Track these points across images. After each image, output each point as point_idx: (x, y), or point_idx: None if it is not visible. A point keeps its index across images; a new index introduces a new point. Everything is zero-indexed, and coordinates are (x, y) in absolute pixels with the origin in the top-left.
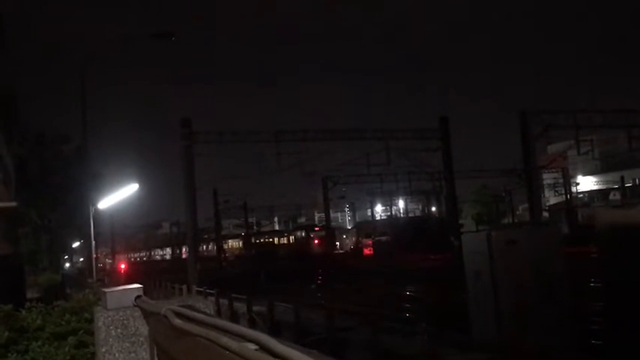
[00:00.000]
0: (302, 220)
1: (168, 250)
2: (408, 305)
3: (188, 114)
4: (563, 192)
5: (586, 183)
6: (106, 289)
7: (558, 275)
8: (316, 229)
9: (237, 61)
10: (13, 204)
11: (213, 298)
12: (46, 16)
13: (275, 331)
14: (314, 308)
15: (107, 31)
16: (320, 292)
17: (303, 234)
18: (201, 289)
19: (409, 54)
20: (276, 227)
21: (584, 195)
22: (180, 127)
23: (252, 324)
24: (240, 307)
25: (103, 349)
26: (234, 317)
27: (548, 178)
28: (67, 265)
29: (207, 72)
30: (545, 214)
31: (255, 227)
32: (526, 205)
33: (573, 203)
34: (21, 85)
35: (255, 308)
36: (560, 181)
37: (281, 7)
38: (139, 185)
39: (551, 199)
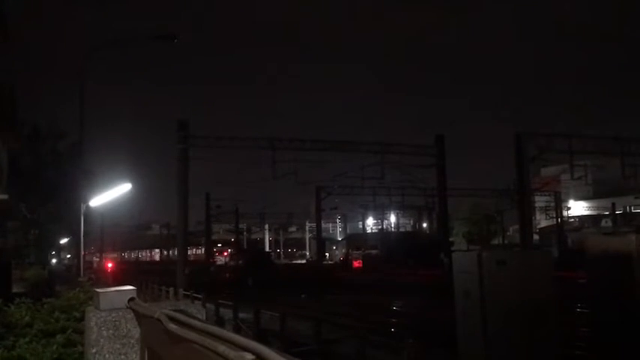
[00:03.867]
0: (293, 229)
1: (157, 252)
2: (395, 320)
3: (185, 116)
4: (554, 215)
5: (577, 207)
6: (99, 290)
7: (547, 299)
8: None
9: (237, 66)
10: (5, 197)
11: (199, 303)
12: (47, 11)
13: (261, 339)
14: (301, 318)
15: (108, 29)
16: (308, 302)
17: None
18: (188, 293)
19: (412, 68)
20: (267, 234)
21: (575, 220)
22: (176, 130)
23: (238, 331)
24: (226, 313)
25: (93, 350)
26: (219, 323)
27: (540, 200)
28: (54, 261)
29: (207, 75)
30: (536, 236)
31: (245, 233)
32: (517, 226)
33: (564, 227)
34: (18, 78)
35: (241, 315)
36: (552, 204)
37: (284, 14)
38: (132, 185)
39: (542, 221)
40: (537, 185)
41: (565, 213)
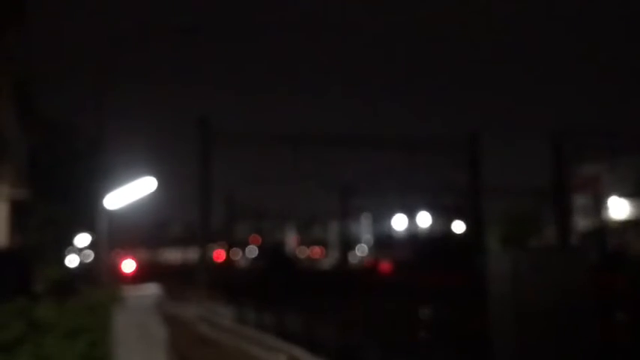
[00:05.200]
0: (316, 229)
1: (180, 251)
2: (424, 325)
3: (207, 113)
4: (593, 216)
5: (618, 207)
6: (127, 290)
7: (583, 303)
8: None
9: (262, 62)
10: (24, 194)
11: (224, 303)
12: (67, 5)
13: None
14: (325, 322)
15: (130, 20)
16: (333, 306)
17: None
18: (213, 294)
19: (443, 65)
20: (290, 234)
21: (616, 221)
22: (197, 127)
23: (262, 333)
24: (250, 314)
25: (120, 350)
26: (243, 325)
27: (579, 200)
28: (74, 260)
29: (230, 71)
30: (575, 238)
31: (267, 233)
32: (554, 228)
33: (604, 229)
34: (37, 72)
35: (265, 317)
36: (591, 204)
37: (307, 6)
38: (155, 181)
39: (581, 222)
40: (576, 185)
41: (606, 213)
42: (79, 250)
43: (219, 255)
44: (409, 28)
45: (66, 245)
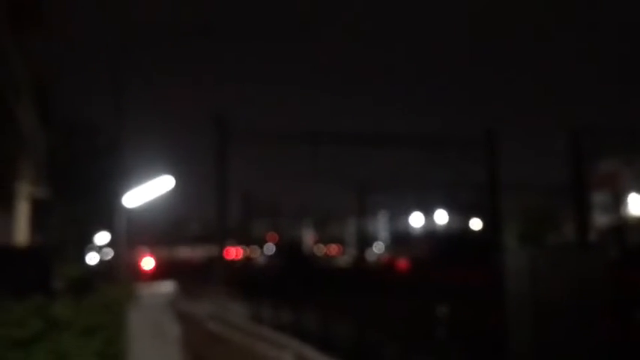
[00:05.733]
0: (333, 225)
1: (197, 249)
2: (441, 323)
3: (224, 110)
4: (612, 213)
5: (637, 203)
6: (141, 288)
7: (601, 299)
8: None
9: (279, 59)
10: (44, 193)
11: (240, 301)
12: (85, 4)
13: (301, 340)
14: (342, 320)
15: (147, 20)
16: (350, 303)
17: None
18: (229, 292)
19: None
20: (307, 232)
21: (635, 217)
22: (214, 125)
23: (278, 331)
24: (267, 312)
25: (135, 346)
26: (259, 323)
27: (598, 197)
28: (94, 258)
29: (247, 67)
30: (593, 235)
31: (284, 230)
32: (572, 225)
33: (624, 225)
34: (56, 72)
35: (281, 315)
36: (610, 201)
37: (329, 8)
38: (173, 179)
39: (600, 219)
40: (595, 181)
41: (625, 210)
42: (98, 248)
43: (229, 253)
44: (424, 26)
45: (86, 243)
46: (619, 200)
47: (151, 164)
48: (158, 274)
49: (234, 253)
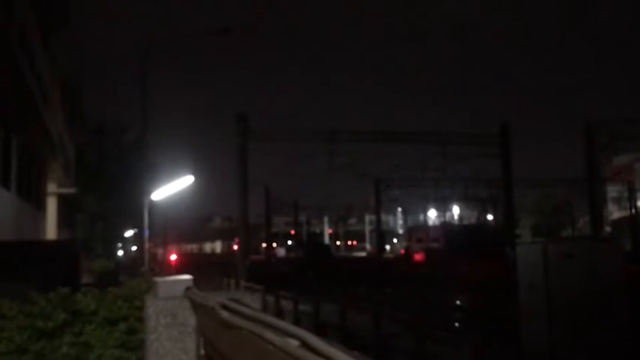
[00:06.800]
0: (352, 221)
1: (219, 244)
2: (457, 315)
3: (245, 108)
4: (627, 206)
5: None
6: (158, 279)
7: (616, 293)
8: None
9: (299, 57)
10: (73, 190)
11: (260, 294)
12: (109, 5)
13: (320, 331)
14: (360, 311)
15: (170, 19)
16: (367, 295)
17: None
18: (249, 285)
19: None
20: (326, 227)
21: None
22: (235, 123)
23: (297, 323)
24: (287, 305)
25: (152, 337)
26: (279, 315)
27: (612, 190)
28: (121, 253)
29: (268, 64)
30: (608, 228)
31: (305, 225)
32: (587, 218)
33: (638, 218)
34: (83, 72)
35: (301, 307)
36: (626, 194)
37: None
38: (194, 177)
39: (615, 212)
40: (609, 174)
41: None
42: (124, 243)
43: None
44: (439, 24)
45: (113, 239)
46: (633, 193)
47: (175, 162)
48: (181, 267)
49: (233, 248)
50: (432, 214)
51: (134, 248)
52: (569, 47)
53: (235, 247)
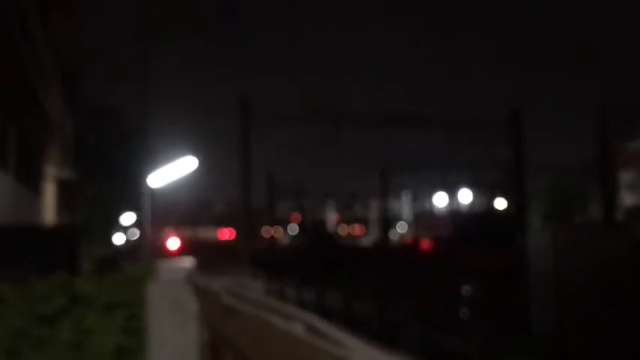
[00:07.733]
0: (357, 207)
1: (222, 229)
2: (465, 303)
3: (248, 92)
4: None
5: None
6: (159, 264)
7: (627, 281)
8: None
9: (305, 39)
10: (72, 175)
11: (262, 280)
12: None
13: (324, 319)
14: (365, 299)
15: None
16: (373, 283)
17: None
18: (251, 270)
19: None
20: (330, 213)
21: None
22: (238, 108)
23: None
24: (291, 292)
25: (153, 322)
26: (281, 299)
27: (626, 177)
28: (121, 238)
29: (269, 50)
30: (620, 215)
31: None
32: (599, 205)
33: None
34: (82, 54)
35: (305, 294)
36: (638, 180)
37: None
38: (197, 161)
39: (628, 199)
40: (622, 161)
41: None
42: (125, 228)
43: (223, 234)
44: (448, 7)
45: (113, 223)
46: None
47: (176, 146)
48: (183, 253)
49: (224, 234)
50: (440, 199)
51: (134, 233)
52: (584, 29)
53: (228, 235)
